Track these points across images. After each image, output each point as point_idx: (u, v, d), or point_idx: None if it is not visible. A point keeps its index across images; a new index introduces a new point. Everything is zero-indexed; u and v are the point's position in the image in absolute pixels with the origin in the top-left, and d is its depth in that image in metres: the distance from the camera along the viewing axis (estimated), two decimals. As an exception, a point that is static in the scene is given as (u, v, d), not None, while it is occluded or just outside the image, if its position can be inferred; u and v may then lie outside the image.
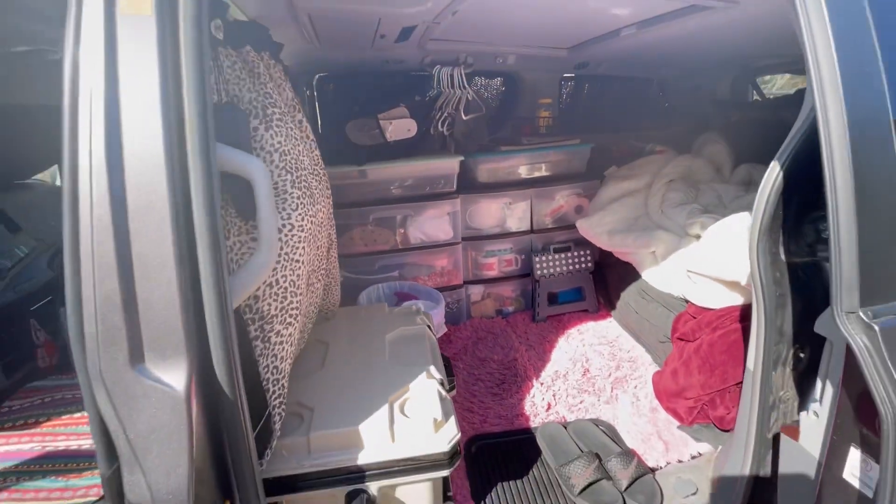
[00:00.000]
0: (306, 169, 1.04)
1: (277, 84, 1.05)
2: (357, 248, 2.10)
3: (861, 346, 0.65)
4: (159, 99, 0.62)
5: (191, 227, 0.65)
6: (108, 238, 0.60)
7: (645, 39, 1.75)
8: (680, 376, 1.53)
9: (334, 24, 1.45)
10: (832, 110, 0.66)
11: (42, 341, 1.60)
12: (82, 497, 0.97)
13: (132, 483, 0.63)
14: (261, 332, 0.87)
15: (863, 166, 0.65)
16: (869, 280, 0.66)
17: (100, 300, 0.60)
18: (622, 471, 1.31)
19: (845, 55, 0.65)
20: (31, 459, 1.07)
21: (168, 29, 0.63)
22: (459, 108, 2.22)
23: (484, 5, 1.40)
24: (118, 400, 0.62)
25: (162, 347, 0.64)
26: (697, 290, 1.62)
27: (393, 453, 0.95)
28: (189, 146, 0.64)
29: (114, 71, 0.61)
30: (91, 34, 0.60)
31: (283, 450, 0.93)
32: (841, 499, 0.75)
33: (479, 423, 1.60)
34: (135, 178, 0.61)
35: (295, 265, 0.95)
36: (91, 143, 0.60)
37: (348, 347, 1.26)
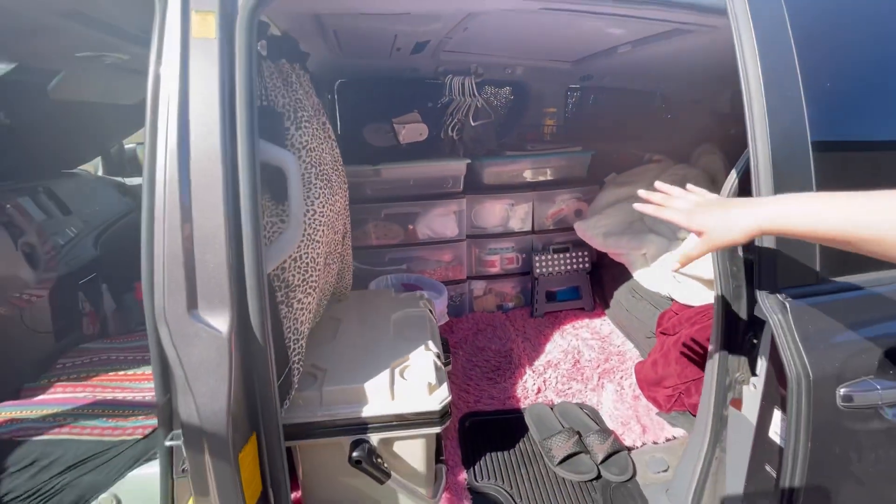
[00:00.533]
0: (328, 164, 1.21)
1: (306, 91, 1.22)
2: (369, 241, 2.27)
3: (776, 321, 0.78)
4: (218, 103, 0.79)
5: (237, 204, 0.81)
6: (176, 210, 0.77)
7: (641, 56, 1.89)
8: (660, 367, 1.66)
9: (356, 38, 1.63)
10: (759, 131, 0.80)
11: (87, 311, 1.79)
12: (129, 434, 1.15)
13: (185, 403, 0.80)
14: (285, 298, 1.03)
15: (782, 179, 0.79)
16: (784, 267, 0.80)
17: (167, 258, 0.78)
18: (599, 445, 1.45)
19: (770, 88, 0.80)
20: (84, 405, 1.25)
21: (227, 49, 0.81)
22: (469, 115, 2.38)
23: (491, 23, 1.56)
24: (177, 337, 0.79)
25: (211, 298, 0.81)
26: (681, 288, 1.75)
27: (392, 409, 1.11)
28: (239, 141, 0.81)
29: (185, 81, 0.78)
30: (170, 53, 0.78)
31: (299, 400, 1.09)
32: (766, 453, 0.88)
33: (474, 403, 1.75)
34: (197, 164, 0.79)
35: (315, 244, 1.12)
36: (167, 137, 0.77)
37: (358, 323, 1.42)
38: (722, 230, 0.72)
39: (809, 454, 0.78)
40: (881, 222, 0.59)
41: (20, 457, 1.07)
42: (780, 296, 0.81)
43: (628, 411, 1.67)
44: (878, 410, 0.78)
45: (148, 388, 1.34)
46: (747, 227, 0.69)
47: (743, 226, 0.69)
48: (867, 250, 0.61)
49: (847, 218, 0.61)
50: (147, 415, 1.22)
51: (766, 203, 0.70)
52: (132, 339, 1.59)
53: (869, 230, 0.59)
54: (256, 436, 0.92)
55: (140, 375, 1.39)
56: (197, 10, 0.79)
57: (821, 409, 0.77)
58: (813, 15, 0.87)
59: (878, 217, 0.59)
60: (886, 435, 0.79)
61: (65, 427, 1.15)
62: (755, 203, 0.72)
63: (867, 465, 0.80)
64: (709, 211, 0.74)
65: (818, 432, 0.77)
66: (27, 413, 1.18)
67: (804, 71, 0.81)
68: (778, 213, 0.67)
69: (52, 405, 1.22)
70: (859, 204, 0.61)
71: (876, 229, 0.59)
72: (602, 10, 1.00)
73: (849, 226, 0.61)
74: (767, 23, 0.83)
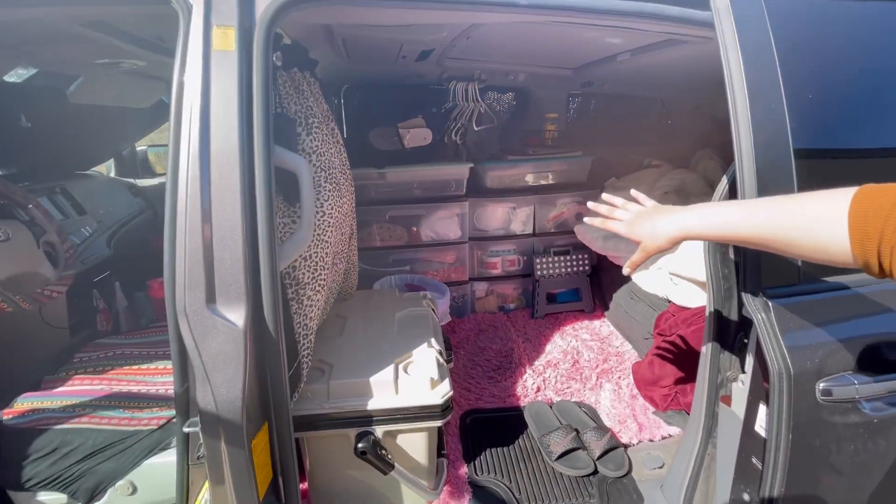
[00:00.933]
0: (336, 168, 1.26)
1: (316, 98, 1.28)
2: (373, 242, 2.33)
3: (760, 319, 0.83)
4: (237, 112, 0.85)
5: (253, 205, 0.87)
6: (197, 210, 0.83)
7: (640, 63, 1.94)
8: (656, 367, 1.70)
9: (363, 47, 1.69)
10: (744, 140, 0.85)
11: (101, 308, 1.86)
12: (145, 425, 1.20)
13: (203, 392, 0.85)
14: (296, 295, 1.09)
15: (765, 183, 0.84)
16: (767, 268, 0.84)
17: (189, 255, 0.83)
18: (596, 442, 1.49)
19: (755, 100, 0.85)
20: (102, 397, 1.31)
21: (245, 61, 0.86)
22: (472, 120, 2.44)
23: (494, 31, 1.61)
24: (196, 329, 0.84)
25: (228, 293, 0.86)
26: (678, 290, 1.79)
27: (396, 403, 1.16)
28: (255, 146, 0.87)
29: (207, 90, 0.84)
30: (193, 63, 0.83)
31: (308, 393, 1.14)
32: (753, 446, 0.92)
33: (475, 401, 1.80)
34: (217, 167, 0.84)
35: (324, 245, 1.17)
36: (189, 142, 0.82)
37: (363, 321, 1.47)
38: (651, 238, 0.80)
39: (791, 446, 0.82)
40: (766, 226, 0.65)
41: (42, 444, 1.13)
42: (763, 296, 0.85)
43: (626, 410, 1.71)
44: (856, 404, 0.82)
45: (161, 382, 1.39)
46: (670, 234, 0.77)
47: (666, 233, 0.77)
48: (774, 249, 0.67)
49: (743, 223, 0.68)
50: (161, 407, 1.27)
51: (686, 211, 0.77)
52: (145, 335, 1.64)
53: (759, 233, 0.66)
54: (268, 425, 0.98)
55: (153, 370, 1.45)
56: (218, 24, 0.85)
57: (801, 403, 0.81)
58: (795, 31, 0.92)
59: (765, 221, 0.65)
60: (863, 427, 0.83)
61: (84, 417, 1.20)
62: (678, 211, 0.78)
63: (846, 456, 0.84)
64: (643, 221, 0.82)
65: (799, 425, 0.82)
66: (48, 404, 1.24)
67: (787, 83, 0.86)
68: (694, 222, 0.74)
69: (71, 396, 1.28)
70: (752, 210, 0.68)
71: (768, 231, 0.65)
72: (595, 21, 1.05)
73: (746, 230, 0.68)
74: (752, 38, 0.89)
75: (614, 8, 0.96)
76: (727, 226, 0.70)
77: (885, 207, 0.55)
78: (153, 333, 1.66)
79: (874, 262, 0.56)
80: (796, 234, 0.62)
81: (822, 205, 0.61)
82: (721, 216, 0.71)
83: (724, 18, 0.90)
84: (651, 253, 0.82)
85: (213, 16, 0.84)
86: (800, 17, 0.93)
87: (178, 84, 0.84)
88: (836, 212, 0.59)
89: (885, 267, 0.55)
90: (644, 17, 0.96)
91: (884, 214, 0.54)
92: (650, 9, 0.95)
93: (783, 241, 0.64)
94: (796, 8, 0.95)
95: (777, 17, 0.91)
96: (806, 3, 0.95)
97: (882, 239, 0.54)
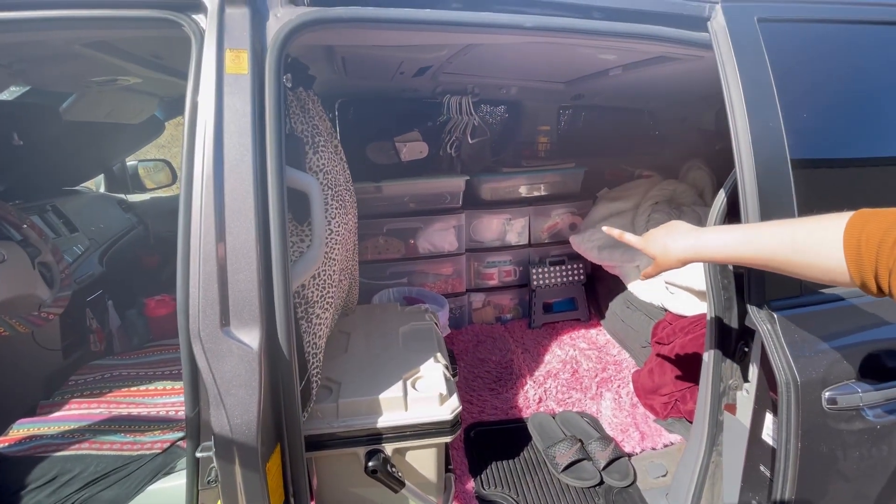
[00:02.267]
0: (341, 185, 1.27)
1: (320, 116, 1.29)
2: (371, 255, 2.32)
3: (766, 331, 0.86)
4: (250, 133, 0.85)
5: (267, 227, 0.87)
6: (211, 231, 0.82)
7: (631, 78, 1.99)
8: (656, 375, 1.73)
9: (362, 63, 1.71)
10: (745, 155, 0.89)
11: (94, 328, 1.81)
12: (148, 449, 1.17)
13: (217, 416, 0.84)
14: (305, 314, 1.08)
15: (766, 194, 0.88)
16: (771, 280, 0.87)
17: (203, 279, 0.82)
18: (601, 452, 1.50)
19: (754, 114, 0.89)
20: (101, 421, 1.27)
21: (257, 83, 0.87)
22: (466, 133, 2.47)
23: (490, 47, 1.64)
24: (210, 353, 0.83)
25: (242, 315, 0.85)
26: (674, 299, 1.83)
27: (406, 419, 1.15)
28: (268, 167, 0.87)
29: (220, 113, 0.84)
30: (206, 86, 0.84)
31: (317, 413, 1.13)
32: (760, 454, 0.94)
33: (478, 414, 1.80)
34: (231, 188, 0.84)
35: (332, 262, 1.17)
36: (203, 163, 0.82)
37: (367, 337, 1.47)
38: (663, 256, 0.85)
39: (800, 454, 0.84)
40: (769, 250, 0.69)
41: (41, 472, 1.09)
42: (768, 307, 0.88)
43: (627, 419, 1.73)
44: (860, 411, 0.85)
45: (162, 404, 1.37)
46: (680, 255, 0.83)
47: (677, 254, 0.83)
48: (778, 271, 0.71)
49: (746, 248, 0.73)
50: (163, 430, 1.25)
51: (696, 235, 0.82)
52: (142, 355, 1.61)
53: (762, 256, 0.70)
54: (280, 446, 0.97)
55: (153, 391, 1.42)
56: (231, 48, 0.85)
57: (808, 412, 0.84)
58: (787, 52, 0.96)
59: (768, 245, 0.69)
60: (867, 434, 0.86)
61: (84, 443, 1.17)
62: (688, 234, 0.83)
63: (851, 462, 0.87)
64: (657, 238, 0.87)
65: (807, 433, 0.84)
66: (46, 430, 1.20)
67: (782, 100, 0.90)
68: (702, 246, 0.80)
69: (69, 421, 1.25)
70: (755, 235, 0.72)
71: (770, 255, 0.69)
72: (598, 42, 1.08)
73: (750, 254, 0.72)
74: (749, 59, 0.93)
75: (616, 30, 0.99)
76: (732, 251, 0.75)
77: (877, 234, 0.58)
78: (150, 353, 1.62)
79: (871, 284, 0.60)
80: (797, 258, 0.66)
81: (820, 229, 0.65)
82: (726, 241, 0.76)
83: (722, 41, 0.94)
84: (664, 269, 0.87)
85: (225, 40, 0.85)
86: (791, 39, 0.97)
87: (192, 105, 0.84)
88: (832, 236, 0.63)
89: (884, 289, 0.58)
90: (644, 38, 1.00)
91: (876, 240, 0.58)
92: (651, 31, 0.98)
93: (785, 264, 0.68)
94: (787, 30, 0.99)
95: (770, 39, 0.96)
96: (796, 27, 1.00)
97: (878, 262, 0.58)
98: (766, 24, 0.95)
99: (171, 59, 1.50)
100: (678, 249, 0.82)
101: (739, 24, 0.95)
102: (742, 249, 0.73)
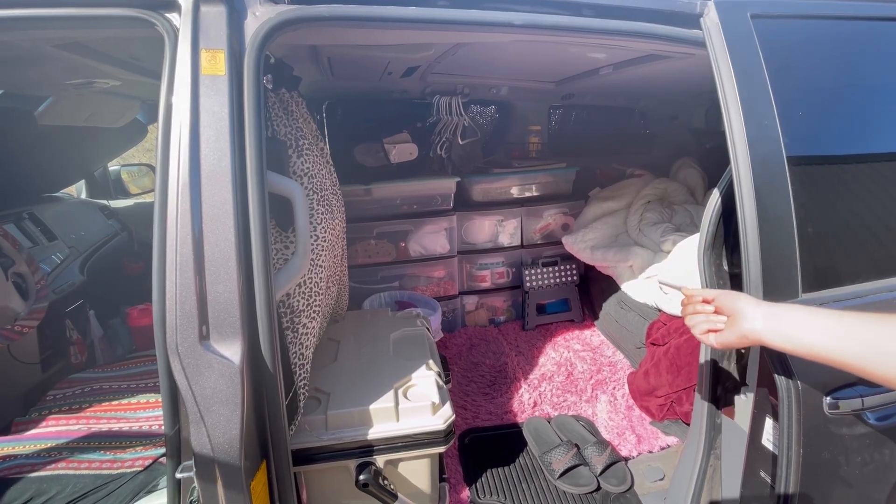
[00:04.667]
0: (328, 189, 1.23)
1: (304, 118, 1.25)
2: (361, 259, 2.28)
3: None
4: (228, 137, 0.81)
5: (247, 235, 0.83)
6: (188, 240, 0.78)
7: (622, 77, 1.97)
8: (651, 377, 1.71)
9: (349, 64, 1.67)
10: (740, 154, 0.87)
11: (74, 339, 1.75)
12: (129, 467, 1.12)
13: (197, 434, 0.80)
14: (291, 324, 1.04)
15: (762, 192, 0.86)
16: (769, 281, 0.85)
17: (179, 290, 0.78)
18: (597, 457, 1.48)
19: (749, 111, 0.87)
20: (80, 438, 1.22)
21: (235, 85, 0.83)
22: (456, 134, 2.44)
23: (479, 47, 1.61)
24: (189, 369, 0.79)
25: (223, 328, 0.81)
26: (668, 299, 1.81)
27: (397, 430, 1.12)
28: (249, 173, 0.83)
29: (196, 116, 0.80)
30: (181, 87, 0.80)
31: (305, 425, 1.09)
32: (760, 459, 0.92)
33: (472, 419, 1.77)
34: (209, 194, 0.80)
35: (318, 269, 1.13)
36: (179, 168, 0.78)
37: (357, 344, 1.43)
38: (740, 318, 0.74)
39: (802, 459, 0.82)
40: (861, 356, 0.62)
41: (15, 495, 1.04)
42: (767, 310, 0.86)
43: (623, 422, 1.71)
44: (862, 416, 0.83)
45: (144, 418, 1.32)
46: (753, 332, 0.72)
47: (753, 328, 0.72)
48: (870, 379, 0.62)
49: (837, 351, 0.64)
50: (146, 446, 1.20)
51: (779, 316, 0.71)
52: (124, 368, 1.56)
53: (852, 360, 0.62)
54: (266, 463, 0.93)
55: (135, 405, 1.37)
56: (206, 48, 0.81)
57: (810, 417, 0.82)
58: (781, 48, 0.94)
59: (858, 347, 0.62)
60: (869, 438, 0.84)
61: (61, 462, 1.12)
62: (773, 316, 0.72)
63: (854, 468, 0.85)
64: (735, 299, 0.76)
65: (809, 438, 0.82)
66: (20, 448, 1.15)
67: (777, 98, 0.88)
68: (780, 337, 0.69)
69: (45, 439, 1.19)
70: (843, 338, 0.63)
71: (862, 361, 0.62)
72: (589, 40, 1.06)
73: (841, 358, 0.64)
74: (743, 56, 0.90)
75: (607, 28, 0.96)
76: (819, 351, 0.66)
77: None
78: (133, 364, 1.57)
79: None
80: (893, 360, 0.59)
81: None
82: (812, 338, 0.66)
83: (716, 38, 0.92)
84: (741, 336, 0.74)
85: (201, 39, 0.81)
86: (785, 35, 0.95)
87: (166, 108, 0.80)
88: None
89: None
90: (636, 36, 0.97)
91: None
92: (643, 28, 0.96)
93: (882, 372, 0.60)
94: (781, 26, 0.97)
95: (764, 35, 0.94)
96: (789, 23, 0.98)
97: None
98: (759, 20, 0.93)
99: (150, 60, 1.45)
100: (754, 322, 0.70)
101: (733, 20, 0.93)
102: (833, 353, 0.63)
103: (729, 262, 1.18)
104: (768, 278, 0.85)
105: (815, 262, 0.91)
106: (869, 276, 0.96)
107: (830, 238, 0.95)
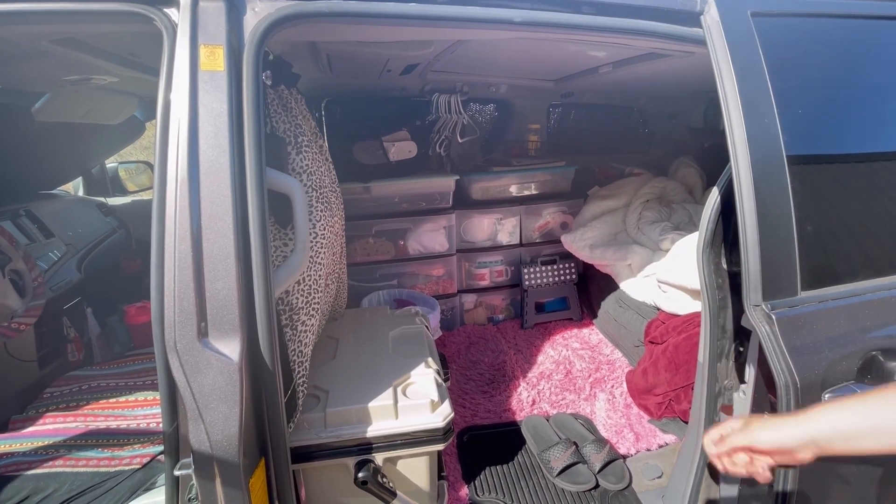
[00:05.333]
0: (327, 187, 1.23)
1: (304, 115, 1.24)
2: (360, 257, 2.28)
3: (764, 332, 0.84)
4: (227, 133, 0.81)
5: (247, 232, 0.83)
6: (186, 237, 0.78)
7: (621, 76, 1.97)
8: (649, 375, 1.71)
9: (348, 62, 1.66)
10: (740, 152, 0.87)
11: (72, 337, 1.75)
12: (127, 465, 1.12)
13: (195, 432, 0.80)
14: (290, 321, 1.04)
15: (762, 191, 0.86)
16: (768, 279, 0.85)
17: (178, 287, 0.78)
18: (596, 455, 1.48)
19: (749, 110, 0.87)
20: (77, 435, 1.22)
21: (234, 80, 0.82)
22: (455, 132, 2.44)
23: (478, 45, 1.61)
24: (188, 366, 0.79)
25: (221, 326, 0.81)
26: (667, 298, 1.81)
27: (396, 428, 1.12)
28: (248, 169, 0.83)
29: (195, 111, 0.79)
30: (180, 83, 0.79)
31: (304, 423, 1.09)
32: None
33: (471, 417, 1.77)
34: (207, 192, 0.80)
35: (317, 267, 1.13)
36: (178, 164, 0.78)
37: (356, 342, 1.43)
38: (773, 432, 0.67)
39: (800, 457, 0.82)
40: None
41: (12, 493, 1.04)
42: (765, 307, 0.86)
43: (621, 420, 1.71)
44: (860, 413, 0.83)
45: (142, 416, 1.31)
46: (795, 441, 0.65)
47: (793, 437, 0.65)
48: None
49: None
50: (143, 443, 1.20)
51: (794, 420, 0.66)
52: (121, 365, 1.55)
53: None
54: (265, 461, 0.92)
55: (133, 402, 1.37)
56: (205, 43, 0.81)
57: (808, 414, 0.82)
58: (783, 47, 0.94)
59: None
60: (868, 436, 0.84)
61: (59, 459, 1.11)
62: (804, 421, 0.66)
63: (852, 465, 0.85)
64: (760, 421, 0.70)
65: (807, 436, 0.82)
66: (18, 446, 1.15)
67: (777, 96, 0.88)
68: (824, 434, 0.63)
69: (43, 437, 1.19)
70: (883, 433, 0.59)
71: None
72: (589, 38, 1.05)
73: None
74: (743, 55, 0.90)
75: (607, 25, 0.96)
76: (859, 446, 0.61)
77: None
78: (131, 362, 1.57)
79: None
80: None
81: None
82: (854, 436, 0.62)
83: (716, 36, 0.92)
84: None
85: (199, 35, 0.80)
86: (786, 33, 0.95)
87: (165, 104, 0.79)
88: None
89: None
90: (636, 33, 0.97)
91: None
92: (643, 26, 0.96)
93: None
94: (781, 24, 0.97)
95: (765, 33, 0.94)
96: (790, 21, 0.98)
97: None
98: (760, 18, 0.93)
99: (148, 57, 1.44)
100: (795, 432, 0.64)
101: (733, 18, 0.92)
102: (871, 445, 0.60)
103: (728, 260, 1.18)
104: (767, 276, 0.86)
105: (814, 260, 0.91)
106: (868, 275, 0.97)
107: (830, 236, 0.95)
